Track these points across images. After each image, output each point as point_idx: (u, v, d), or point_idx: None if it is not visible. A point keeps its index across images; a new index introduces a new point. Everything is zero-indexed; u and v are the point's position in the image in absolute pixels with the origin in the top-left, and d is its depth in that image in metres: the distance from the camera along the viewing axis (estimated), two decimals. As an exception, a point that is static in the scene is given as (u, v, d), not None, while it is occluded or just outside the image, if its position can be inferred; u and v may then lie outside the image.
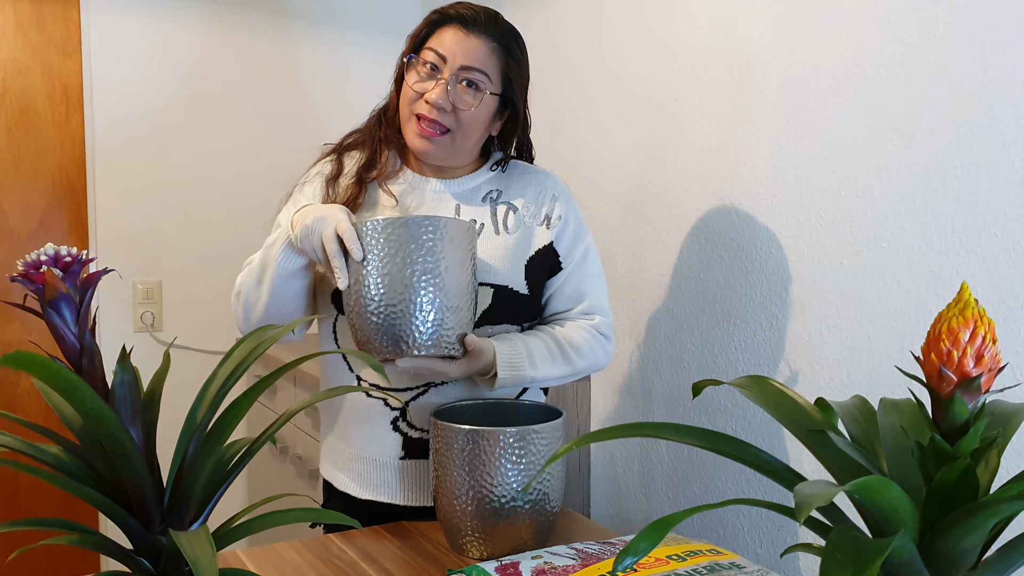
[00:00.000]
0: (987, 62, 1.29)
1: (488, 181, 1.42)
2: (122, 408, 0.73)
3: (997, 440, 0.63)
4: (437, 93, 1.29)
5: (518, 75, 1.36)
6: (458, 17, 1.32)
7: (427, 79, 1.32)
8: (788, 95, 1.60)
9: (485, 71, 1.31)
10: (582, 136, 2.16)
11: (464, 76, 1.30)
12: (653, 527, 0.60)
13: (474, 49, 1.31)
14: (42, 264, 0.70)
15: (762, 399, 0.75)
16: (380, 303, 1.16)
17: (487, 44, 1.32)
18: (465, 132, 1.33)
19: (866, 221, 1.47)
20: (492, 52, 1.32)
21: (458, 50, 1.30)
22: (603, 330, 1.41)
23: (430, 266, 1.16)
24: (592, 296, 1.42)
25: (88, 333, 0.73)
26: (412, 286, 1.15)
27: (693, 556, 1.07)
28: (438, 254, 1.16)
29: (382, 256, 1.16)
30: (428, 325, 1.16)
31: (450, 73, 1.30)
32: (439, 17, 1.34)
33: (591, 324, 1.40)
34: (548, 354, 1.34)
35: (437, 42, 1.32)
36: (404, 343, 1.16)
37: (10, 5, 2.42)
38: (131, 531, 0.74)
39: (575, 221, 1.43)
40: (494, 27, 1.33)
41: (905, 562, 0.61)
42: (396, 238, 1.15)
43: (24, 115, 2.46)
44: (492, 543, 1.18)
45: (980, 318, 0.63)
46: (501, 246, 1.37)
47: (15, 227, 2.48)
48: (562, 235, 1.40)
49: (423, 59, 1.32)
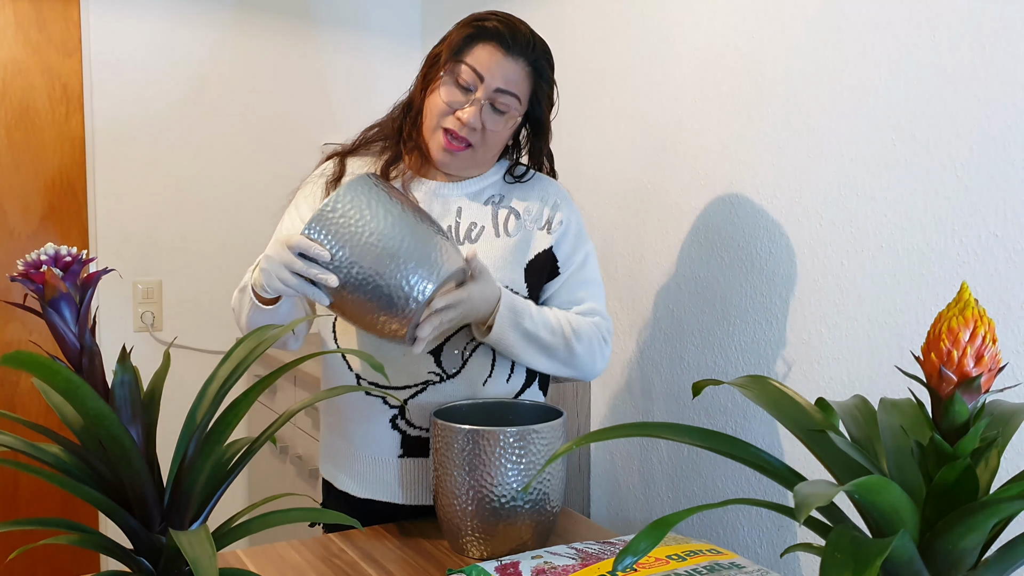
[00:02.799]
0: (987, 62, 1.29)
1: (492, 186, 1.42)
2: (122, 408, 0.73)
3: (997, 440, 0.63)
4: (470, 114, 1.30)
5: (546, 95, 1.37)
6: (498, 35, 1.31)
7: (460, 94, 1.31)
8: (788, 95, 1.60)
9: (517, 95, 1.32)
10: (583, 135, 2.16)
11: (497, 98, 1.31)
12: (653, 527, 0.60)
13: (511, 73, 1.31)
14: (42, 264, 0.70)
15: (762, 399, 0.75)
16: (368, 283, 1.15)
17: (523, 68, 1.32)
18: (488, 147, 1.35)
19: (866, 221, 1.47)
20: (527, 76, 1.33)
21: (497, 72, 1.30)
22: (603, 330, 1.41)
23: (359, 234, 1.15)
24: (591, 300, 1.42)
25: (88, 333, 0.73)
26: (375, 257, 1.15)
27: (693, 556, 1.07)
28: (358, 221, 1.15)
29: (335, 247, 1.15)
30: (411, 276, 1.15)
31: (485, 94, 1.30)
32: (477, 31, 1.32)
33: (593, 322, 1.40)
34: (551, 321, 1.33)
35: (475, 59, 1.31)
36: (405, 303, 1.15)
37: (10, 5, 2.42)
38: (131, 531, 0.74)
39: (576, 228, 1.43)
40: (531, 49, 1.33)
41: (905, 562, 0.61)
42: (331, 227, 1.15)
43: (24, 115, 2.46)
44: (492, 543, 1.18)
45: (980, 318, 0.63)
46: (501, 248, 1.37)
47: (15, 227, 2.48)
48: (562, 241, 1.40)
49: (459, 74, 1.31)
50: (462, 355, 1.35)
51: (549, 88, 1.38)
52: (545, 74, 1.36)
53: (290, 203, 1.43)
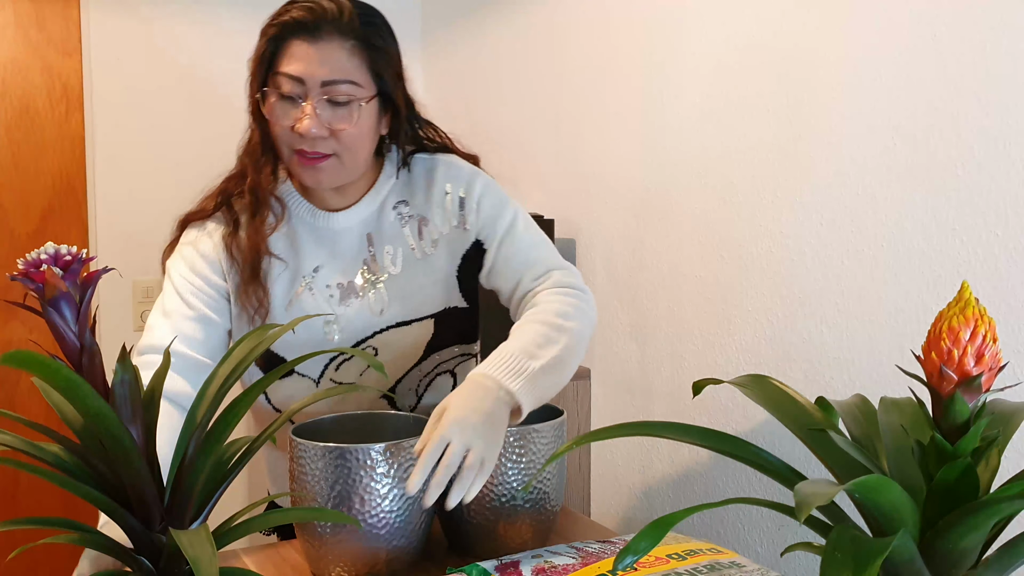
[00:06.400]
0: (987, 62, 1.29)
1: (392, 192, 1.28)
2: (122, 407, 0.73)
3: (997, 439, 0.63)
4: (307, 125, 1.13)
5: (388, 65, 1.18)
6: (300, 25, 1.13)
7: (292, 107, 1.15)
8: (789, 94, 1.60)
9: (351, 79, 1.14)
10: (583, 135, 2.16)
11: (330, 93, 1.13)
12: (653, 526, 0.60)
13: (330, 59, 1.13)
14: (42, 263, 0.70)
15: (762, 398, 0.75)
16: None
17: (343, 46, 1.13)
18: (351, 150, 1.18)
19: (866, 220, 1.47)
20: (352, 52, 1.14)
21: (314, 65, 1.12)
22: (568, 283, 1.25)
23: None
24: (539, 263, 1.26)
25: (88, 332, 0.73)
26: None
27: (693, 555, 1.07)
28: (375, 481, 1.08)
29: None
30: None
31: (313, 95, 1.13)
32: (278, 30, 1.15)
33: (555, 286, 1.23)
34: (540, 333, 1.15)
35: (287, 63, 1.14)
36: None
37: (10, 4, 2.42)
38: (132, 530, 0.74)
39: (489, 201, 1.27)
40: (343, 21, 1.14)
41: (905, 561, 0.61)
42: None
43: (24, 114, 2.46)
44: (492, 542, 1.18)
45: (980, 317, 0.63)
46: (428, 269, 1.27)
47: (15, 227, 2.48)
48: (481, 225, 1.27)
49: (280, 87, 1.15)
50: (416, 391, 1.34)
51: (388, 56, 1.19)
52: (375, 42, 1.16)
53: (176, 258, 1.35)
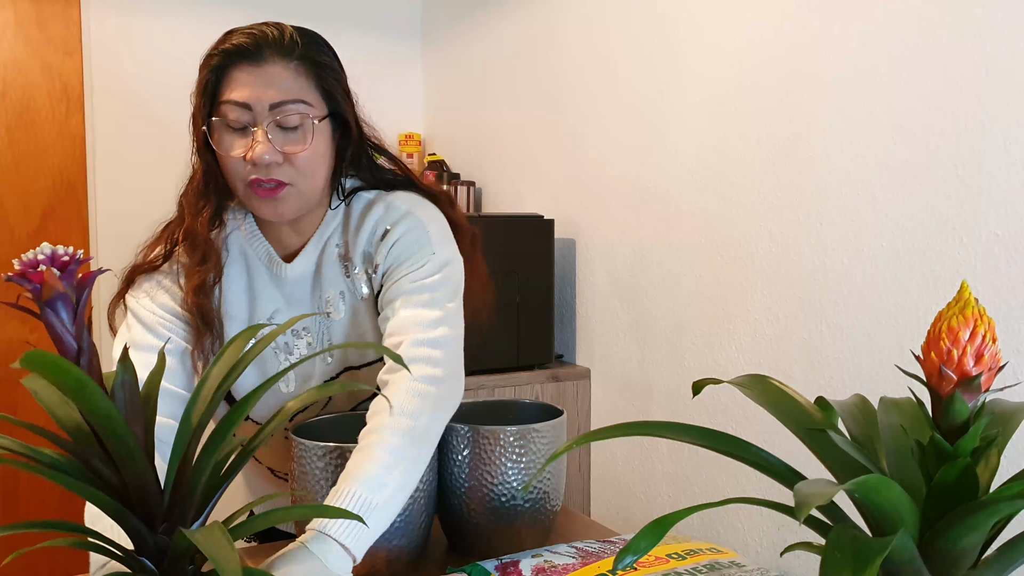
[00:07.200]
0: (987, 62, 1.29)
1: (335, 231, 1.21)
2: (123, 408, 0.73)
3: (997, 439, 0.63)
4: (259, 151, 1.08)
5: (336, 83, 1.16)
6: (239, 51, 1.10)
7: (241, 137, 1.10)
8: (788, 94, 1.60)
9: (300, 98, 1.10)
10: (583, 135, 2.16)
11: (279, 117, 1.09)
12: (653, 526, 0.59)
13: (276, 80, 1.09)
14: (39, 263, 0.70)
15: (762, 398, 0.75)
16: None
17: (287, 66, 1.10)
18: (307, 175, 1.12)
19: (867, 220, 1.47)
20: (297, 72, 1.11)
21: (259, 89, 1.08)
22: (425, 374, 1.08)
23: None
24: (414, 327, 1.11)
25: (86, 333, 0.73)
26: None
27: (693, 555, 1.07)
28: None
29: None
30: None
31: (262, 121, 1.08)
32: (220, 59, 1.11)
33: (412, 369, 1.08)
34: (381, 462, 1.00)
35: (231, 90, 1.10)
36: None
37: (10, 4, 2.42)
38: (135, 532, 0.74)
39: (406, 242, 1.17)
40: (285, 43, 1.11)
41: (905, 561, 0.61)
42: None
43: (24, 114, 2.46)
44: (492, 542, 1.18)
45: (980, 317, 0.63)
46: (355, 316, 1.22)
47: (15, 227, 2.48)
48: (388, 264, 1.18)
49: (227, 116, 1.10)
50: None
51: (334, 72, 1.16)
52: (321, 59, 1.14)
53: (124, 319, 1.28)
